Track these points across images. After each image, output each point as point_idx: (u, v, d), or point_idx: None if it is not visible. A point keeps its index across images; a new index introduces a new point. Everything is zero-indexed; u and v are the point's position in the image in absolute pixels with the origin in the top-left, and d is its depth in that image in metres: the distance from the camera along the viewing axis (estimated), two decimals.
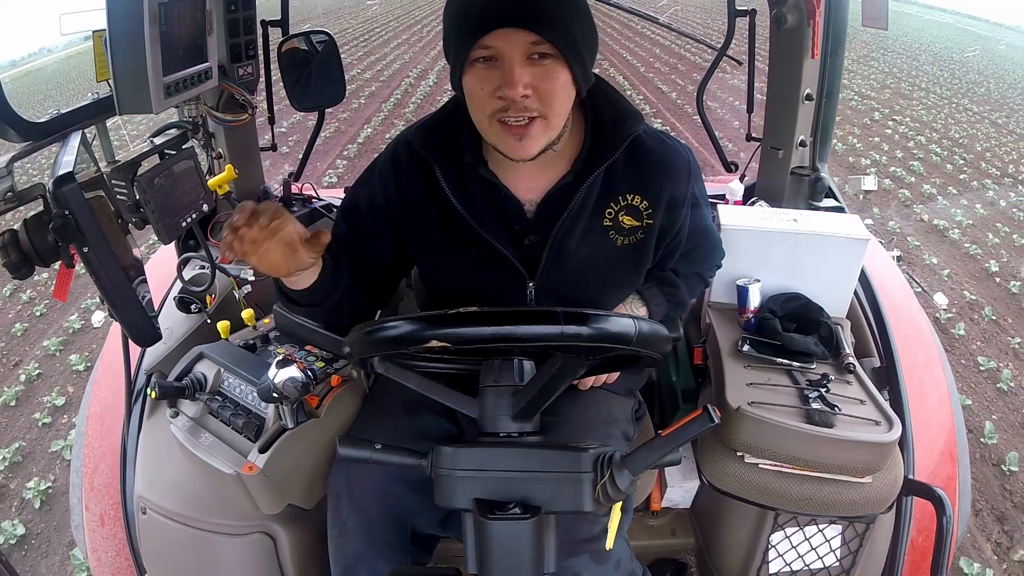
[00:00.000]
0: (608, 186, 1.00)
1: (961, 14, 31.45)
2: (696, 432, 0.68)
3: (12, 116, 0.74)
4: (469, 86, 0.88)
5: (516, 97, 0.84)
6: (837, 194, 1.65)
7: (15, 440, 2.59)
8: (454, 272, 1.05)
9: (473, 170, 0.98)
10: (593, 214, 1.00)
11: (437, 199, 1.00)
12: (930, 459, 1.25)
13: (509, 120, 0.86)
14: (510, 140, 0.88)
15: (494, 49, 0.84)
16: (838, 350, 1.23)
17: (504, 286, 1.02)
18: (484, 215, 0.99)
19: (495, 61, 0.85)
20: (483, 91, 0.86)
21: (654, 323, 0.75)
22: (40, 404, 2.81)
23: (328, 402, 1.06)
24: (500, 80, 0.84)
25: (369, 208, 1.05)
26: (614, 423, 1.12)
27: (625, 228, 1.01)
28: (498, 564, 0.73)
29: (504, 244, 0.99)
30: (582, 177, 0.97)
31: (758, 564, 1.24)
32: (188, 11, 0.90)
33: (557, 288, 1.02)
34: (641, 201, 1.00)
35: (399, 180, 1.02)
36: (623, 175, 1.00)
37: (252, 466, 0.97)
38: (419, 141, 0.99)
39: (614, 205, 1.00)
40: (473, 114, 0.91)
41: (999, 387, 2.90)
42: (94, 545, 1.26)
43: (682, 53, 11.14)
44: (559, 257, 1.00)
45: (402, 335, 0.71)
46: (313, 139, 1.86)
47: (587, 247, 1.01)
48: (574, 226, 0.99)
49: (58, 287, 0.88)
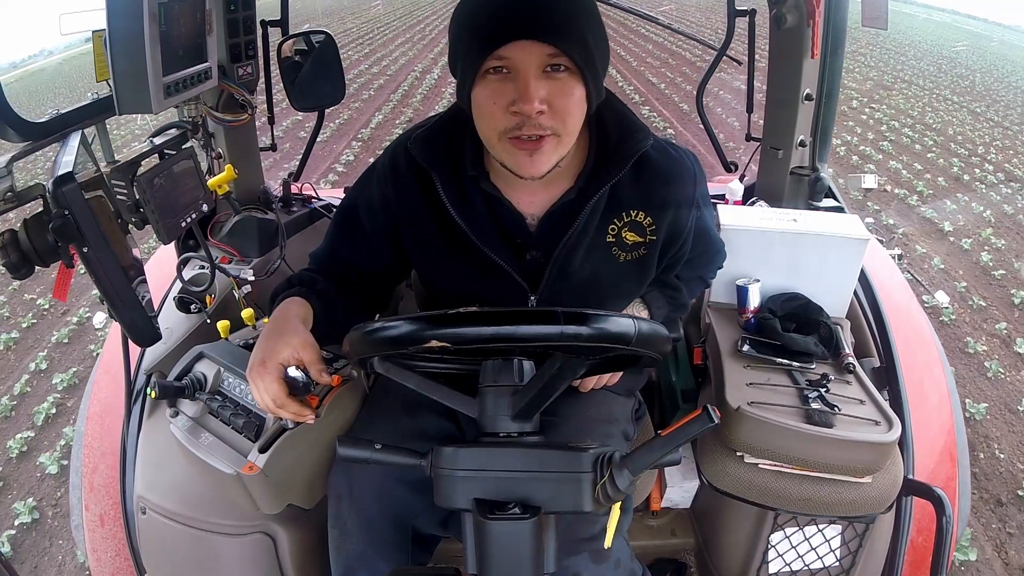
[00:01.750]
0: (613, 203, 0.97)
1: (960, 13, 31.46)
2: (696, 432, 0.68)
3: (12, 116, 0.74)
4: (480, 100, 0.85)
5: (532, 113, 0.81)
6: (837, 194, 1.65)
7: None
8: (453, 281, 1.04)
9: (474, 183, 0.96)
10: (597, 231, 0.98)
11: (436, 210, 0.98)
12: (930, 459, 1.25)
13: (521, 136, 0.84)
14: (521, 157, 0.85)
15: (509, 61, 0.81)
16: (838, 350, 1.23)
17: (505, 298, 1.01)
18: (485, 229, 0.97)
19: (508, 74, 0.82)
20: (495, 106, 0.83)
21: (654, 323, 0.74)
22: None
23: (328, 402, 1.05)
24: (514, 94, 0.81)
25: (367, 212, 1.04)
26: (614, 423, 1.12)
27: (628, 244, 1.00)
28: (498, 564, 0.73)
29: (505, 259, 0.97)
30: (587, 193, 0.95)
31: (758, 564, 1.24)
32: (188, 11, 0.90)
33: (559, 302, 1.00)
34: (645, 217, 0.99)
35: (398, 187, 1.00)
36: (628, 191, 0.98)
37: (252, 466, 0.97)
38: (419, 151, 0.96)
39: (617, 221, 0.99)
40: (481, 130, 0.88)
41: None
42: (94, 545, 1.26)
43: (673, 48, 11.51)
44: (563, 274, 0.99)
45: (402, 335, 0.71)
46: (313, 139, 1.86)
47: (590, 264, 0.99)
48: (579, 244, 0.97)
49: (58, 287, 0.88)
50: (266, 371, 0.88)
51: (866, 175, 1.93)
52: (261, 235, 1.48)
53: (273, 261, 1.46)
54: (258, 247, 1.47)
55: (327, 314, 0.99)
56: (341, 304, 1.02)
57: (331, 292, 1.02)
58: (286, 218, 1.57)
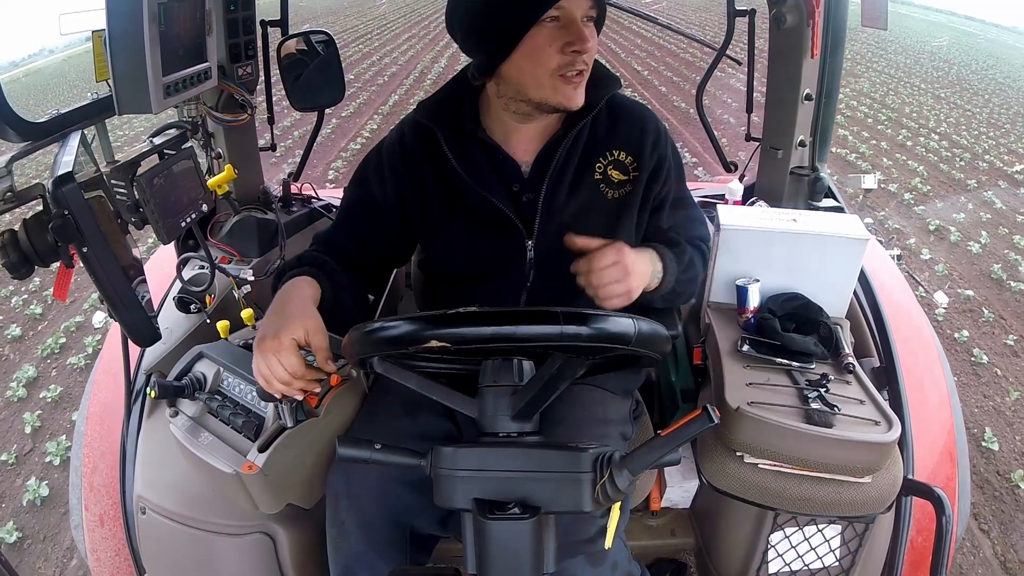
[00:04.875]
0: (593, 141, 1.09)
1: (957, 14, 31.51)
2: (696, 432, 0.68)
3: (12, 116, 0.74)
4: (536, 43, 0.96)
5: (591, 50, 0.97)
6: (837, 194, 1.65)
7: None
8: (458, 241, 1.11)
9: (473, 135, 1.07)
10: (582, 168, 1.09)
11: (441, 168, 1.09)
12: (929, 459, 1.25)
13: (569, 73, 0.97)
14: (569, 90, 0.99)
15: (566, 11, 0.95)
16: (837, 350, 1.23)
17: (505, 249, 1.10)
18: (485, 177, 1.07)
19: (561, 22, 0.96)
20: (552, 48, 0.96)
21: (653, 323, 0.75)
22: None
23: (328, 402, 1.05)
24: (570, 37, 0.95)
25: (378, 181, 1.13)
26: (611, 424, 1.12)
27: (615, 181, 1.10)
28: (497, 564, 0.73)
29: (504, 203, 1.07)
30: (568, 129, 1.06)
31: (757, 564, 1.24)
32: (188, 11, 0.90)
33: (555, 246, 1.02)
34: (626, 156, 1.10)
35: (404, 155, 1.11)
36: (607, 131, 1.10)
37: (251, 465, 0.97)
38: (424, 113, 1.09)
39: (602, 160, 1.10)
40: (531, 72, 0.98)
41: None
42: (93, 545, 1.26)
43: (660, 43, 12.33)
44: (551, 210, 1.08)
45: (401, 335, 0.71)
46: (312, 139, 1.86)
47: (578, 200, 1.09)
48: (563, 176, 1.08)
49: (57, 287, 0.88)
50: (282, 345, 0.88)
51: (866, 175, 1.93)
52: (261, 235, 1.48)
53: (273, 261, 1.45)
54: (258, 247, 1.47)
55: (335, 297, 1.03)
56: (347, 289, 1.07)
57: (340, 276, 1.06)
58: (286, 218, 1.57)
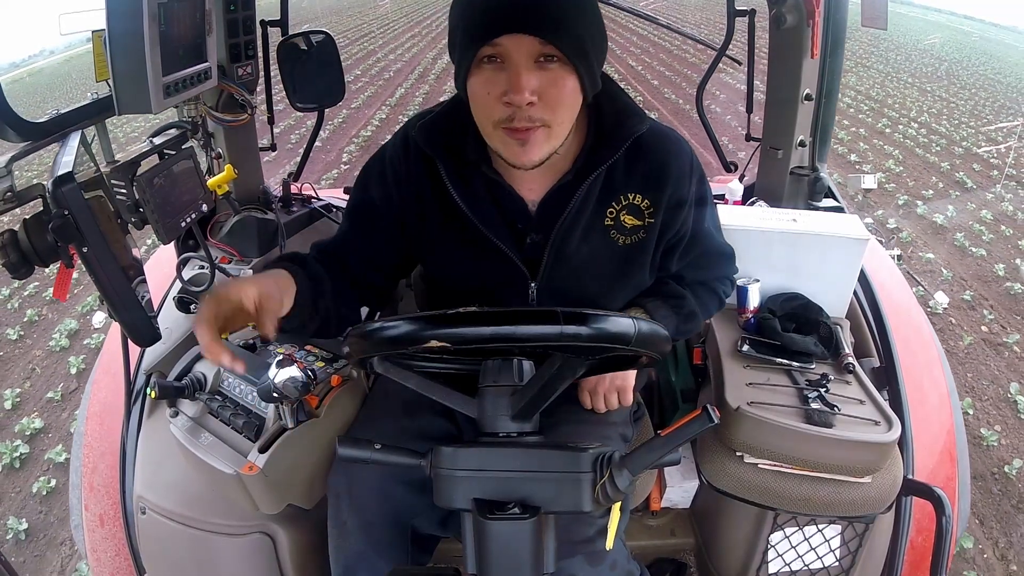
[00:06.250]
0: (609, 185, 0.98)
1: (957, 14, 31.54)
2: (696, 432, 0.68)
3: (12, 116, 0.75)
4: (474, 89, 0.86)
5: (522, 103, 0.82)
6: (836, 194, 1.65)
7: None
8: (455, 269, 1.05)
9: (476, 168, 0.97)
10: (595, 213, 0.99)
11: (441, 196, 0.99)
12: (929, 459, 1.25)
13: (513, 126, 0.85)
14: (513, 146, 0.87)
15: (501, 50, 0.82)
16: (837, 350, 1.23)
17: (506, 285, 1.01)
18: (487, 213, 0.98)
19: (501, 63, 0.84)
20: (489, 95, 0.85)
21: (653, 323, 0.74)
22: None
23: (328, 402, 1.05)
24: (506, 84, 0.83)
25: (380, 189, 1.04)
26: (611, 425, 1.12)
27: (627, 227, 1.00)
28: (497, 564, 0.73)
29: (506, 243, 0.98)
30: (582, 175, 0.96)
31: (757, 564, 1.24)
32: (188, 11, 0.90)
33: (559, 288, 1.01)
34: (643, 200, 0.99)
35: (408, 167, 1.01)
36: (624, 174, 0.99)
37: (252, 466, 0.97)
38: (423, 139, 0.98)
39: (615, 205, 0.99)
40: (477, 118, 0.90)
41: None
42: (93, 545, 1.26)
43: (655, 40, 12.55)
44: (560, 256, 0.99)
45: (401, 335, 0.70)
46: (312, 139, 1.86)
47: (588, 246, 1.00)
48: (575, 225, 0.98)
49: (57, 287, 0.88)
50: (215, 296, 0.81)
51: (865, 175, 1.93)
52: (261, 235, 1.48)
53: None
54: (258, 247, 1.47)
55: (313, 293, 0.95)
56: (330, 289, 0.98)
57: (321, 274, 0.98)
58: (286, 218, 1.57)
